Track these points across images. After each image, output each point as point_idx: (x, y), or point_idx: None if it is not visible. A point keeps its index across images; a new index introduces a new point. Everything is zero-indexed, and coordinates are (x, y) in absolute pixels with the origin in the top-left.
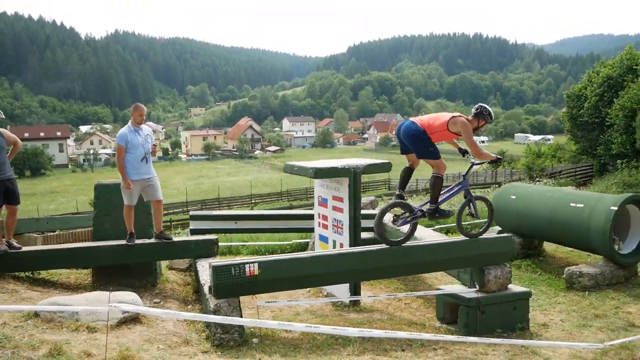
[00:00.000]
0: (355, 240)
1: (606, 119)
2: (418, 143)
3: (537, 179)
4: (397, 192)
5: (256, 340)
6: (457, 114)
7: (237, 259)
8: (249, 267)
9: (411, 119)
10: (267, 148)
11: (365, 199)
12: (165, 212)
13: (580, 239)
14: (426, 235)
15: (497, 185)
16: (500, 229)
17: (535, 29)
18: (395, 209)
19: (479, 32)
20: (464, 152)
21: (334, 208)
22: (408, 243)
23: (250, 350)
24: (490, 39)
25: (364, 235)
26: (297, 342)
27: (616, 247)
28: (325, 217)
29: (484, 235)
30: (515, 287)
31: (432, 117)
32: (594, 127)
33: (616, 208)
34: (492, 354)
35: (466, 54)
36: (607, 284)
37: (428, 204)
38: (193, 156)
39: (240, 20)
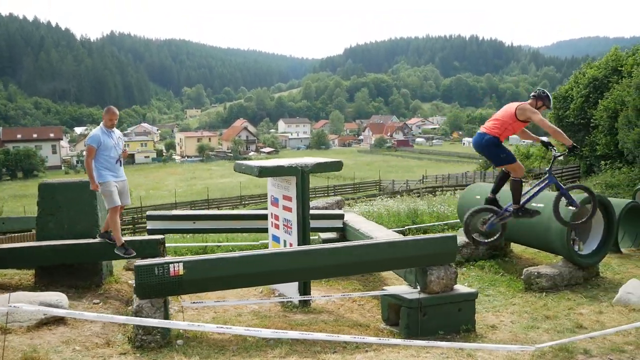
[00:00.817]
0: (304, 239)
1: (591, 120)
2: (491, 152)
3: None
4: (488, 196)
5: (180, 342)
6: (519, 102)
7: (165, 259)
8: (174, 267)
9: (481, 129)
10: (262, 149)
11: (331, 199)
12: None
13: (540, 240)
14: (381, 235)
15: None
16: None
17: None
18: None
19: (475, 34)
20: (546, 145)
21: (284, 207)
22: (348, 243)
23: (170, 352)
24: (487, 41)
25: (325, 235)
26: (225, 343)
27: (576, 247)
28: (277, 217)
29: (428, 235)
30: (461, 288)
31: (497, 116)
32: (580, 128)
33: (574, 208)
34: (424, 356)
35: (462, 55)
36: (565, 284)
37: (512, 204)
38: (187, 157)
39: (237, 22)
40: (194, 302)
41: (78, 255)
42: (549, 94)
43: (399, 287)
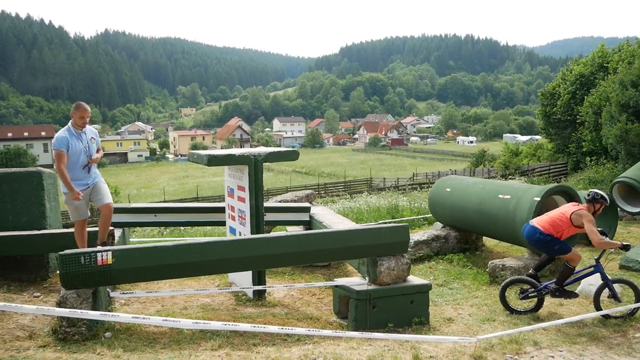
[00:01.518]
0: (257, 230)
1: (577, 117)
2: (544, 247)
3: (509, 176)
4: (530, 272)
5: (109, 334)
6: (577, 207)
7: (94, 248)
8: (101, 256)
9: (532, 222)
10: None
11: (301, 192)
12: None
13: (507, 232)
14: (342, 227)
15: None
16: None
17: (526, 31)
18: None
19: (471, 34)
20: (604, 234)
21: (239, 198)
22: (289, 232)
23: (95, 345)
24: (482, 41)
25: (292, 229)
26: (158, 336)
27: None
28: (232, 208)
29: (379, 225)
30: (415, 280)
31: (553, 218)
32: (567, 124)
33: (539, 199)
34: (365, 348)
35: (457, 55)
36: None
37: (554, 283)
38: (180, 156)
39: (233, 20)
40: (123, 293)
41: (22, 248)
42: (603, 195)
43: (350, 278)
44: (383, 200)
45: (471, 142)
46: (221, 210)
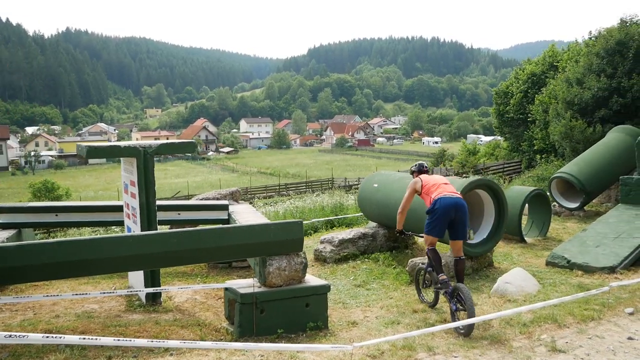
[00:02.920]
0: (149, 229)
1: (529, 115)
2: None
3: (464, 175)
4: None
5: None
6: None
7: None
8: None
9: (454, 194)
10: (221, 149)
11: (225, 189)
12: None
13: None
14: (249, 219)
15: None
16: None
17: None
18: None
19: (437, 36)
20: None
21: (131, 194)
22: (168, 230)
23: None
24: (447, 43)
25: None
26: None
27: (466, 236)
28: (128, 205)
29: (268, 221)
30: (312, 281)
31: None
32: (519, 123)
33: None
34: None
35: (424, 57)
36: (452, 276)
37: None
38: None
39: (201, 21)
40: None
41: None
42: (418, 164)
43: (240, 280)
44: (330, 199)
45: (436, 142)
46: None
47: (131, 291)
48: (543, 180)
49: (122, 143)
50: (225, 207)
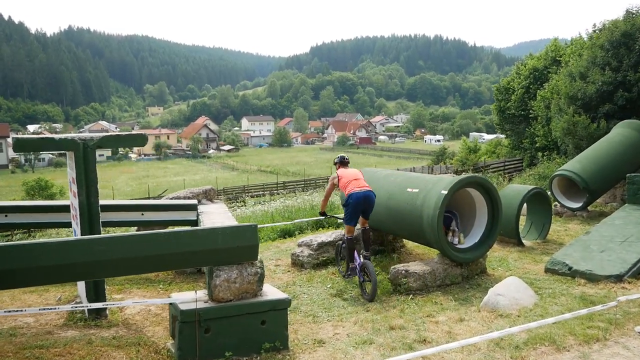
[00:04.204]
0: (91, 231)
1: (530, 112)
2: None
3: (464, 172)
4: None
5: None
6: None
7: None
8: None
9: (366, 188)
10: (222, 147)
11: (198, 188)
12: None
13: (414, 230)
14: (215, 221)
15: None
16: None
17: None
18: None
19: (440, 34)
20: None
21: (74, 193)
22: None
23: None
24: (450, 41)
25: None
26: None
27: (456, 240)
28: (73, 206)
29: (216, 225)
30: (270, 294)
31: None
32: (521, 120)
33: (446, 192)
34: None
35: (426, 55)
36: (438, 284)
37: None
38: (144, 156)
39: (203, 19)
40: None
41: None
42: (339, 156)
43: (186, 293)
44: (321, 197)
45: (438, 140)
46: None
47: (75, 307)
48: (544, 178)
49: (59, 135)
50: (193, 207)
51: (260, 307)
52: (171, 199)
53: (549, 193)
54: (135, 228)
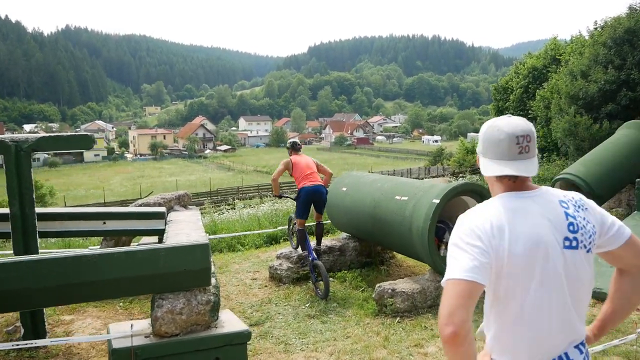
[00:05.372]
0: (25, 247)
1: (529, 112)
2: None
3: (460, 174)
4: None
5: None
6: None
7: None
8: None
9: (318, 182)
10: (219, 147)
11: (171, 193)
12: None
13: (404, 242)
14: (186, 232)
15: None
16: None
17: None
18: None
19: (437, 35)
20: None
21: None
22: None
23: None
24: (448, 41)
25: (145, 241)
26: None
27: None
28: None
29: (157, 245)
30: (229, 324)
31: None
32: None
33: (438, 201)
34: None
35: (424, 55)
36: (429, 305)
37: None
38: (140, 156)
39: (201, 19)
40: None
41: None
42: (292, 142)
43: (123, 324)
44: None
45: (436, 141)
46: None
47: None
48: (544, 181)
49: None
50: (161, 216)
51: (212, 342)
52: (140, 205)
53: None
54: (102, 239)
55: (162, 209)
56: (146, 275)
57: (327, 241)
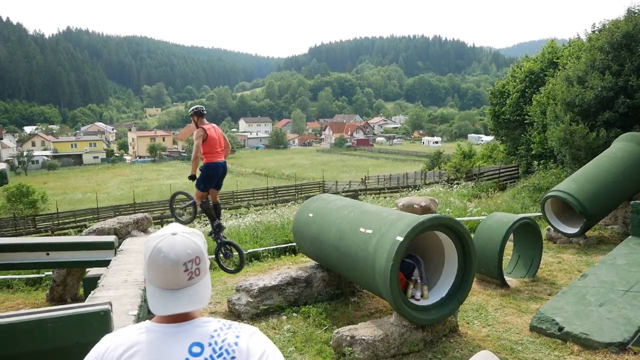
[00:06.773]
0: None
1: (526, 117)
2: None
3: (456, 181)
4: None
5: None
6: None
7: None
8: None
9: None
10: None
11: (129, 217)
12: (73, 218)
13: (368, 280)
14: (122, 267)
15: (414, 189)
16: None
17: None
18: None
19: (438, 35)
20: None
21: None
22: None
23: None
24: (449, 42)
25: (93, 273)
26: None
27: (418, 294)
28: None
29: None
30: None
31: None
32: (516, 125)
33: (402, 239)
34: None
35: (425, 55)
36: (393, 354)
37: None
38: (138, 158)
39: (202, 20)
40: None
41: None
42: (194, 108)
43: None
44: (292, 213)
45: (436, 142)
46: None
47: None
48: (540, 190)
49: None
50: (110, 246)
51: None
52: (95, 230)
53: (538, 223)
54: (51, 271)
55: (112, 239)
56: (27, 352)
57: (292, 271)
